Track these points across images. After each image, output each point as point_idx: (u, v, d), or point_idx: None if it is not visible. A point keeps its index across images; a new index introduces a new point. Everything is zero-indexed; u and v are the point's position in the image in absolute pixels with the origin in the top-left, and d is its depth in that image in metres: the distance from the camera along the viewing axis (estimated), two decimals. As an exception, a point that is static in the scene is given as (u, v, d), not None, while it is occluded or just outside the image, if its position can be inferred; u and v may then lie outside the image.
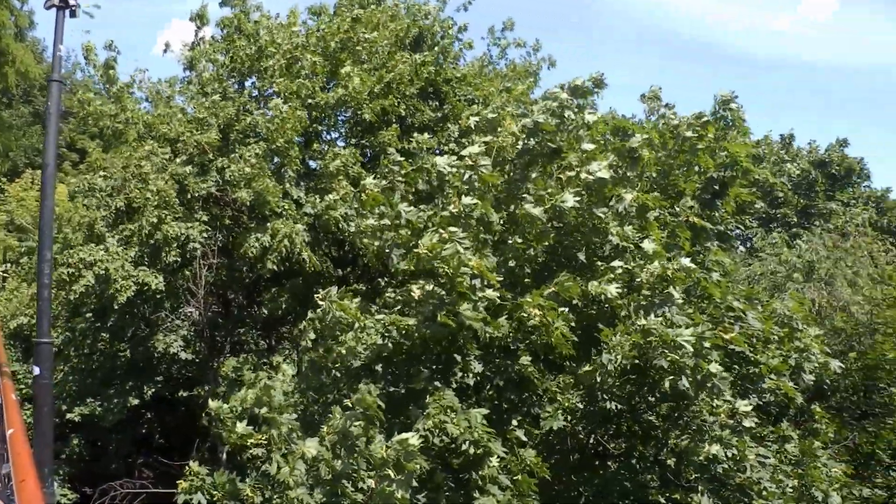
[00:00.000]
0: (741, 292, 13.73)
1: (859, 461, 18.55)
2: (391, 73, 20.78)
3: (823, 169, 32.24)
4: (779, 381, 13.32)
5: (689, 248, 13.34)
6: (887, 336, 19.24)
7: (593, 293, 11.31)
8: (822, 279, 20.77)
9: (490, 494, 11.02)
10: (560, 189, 11.98)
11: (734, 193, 14.41)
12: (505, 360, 11.67)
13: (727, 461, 11.73)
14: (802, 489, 14.07)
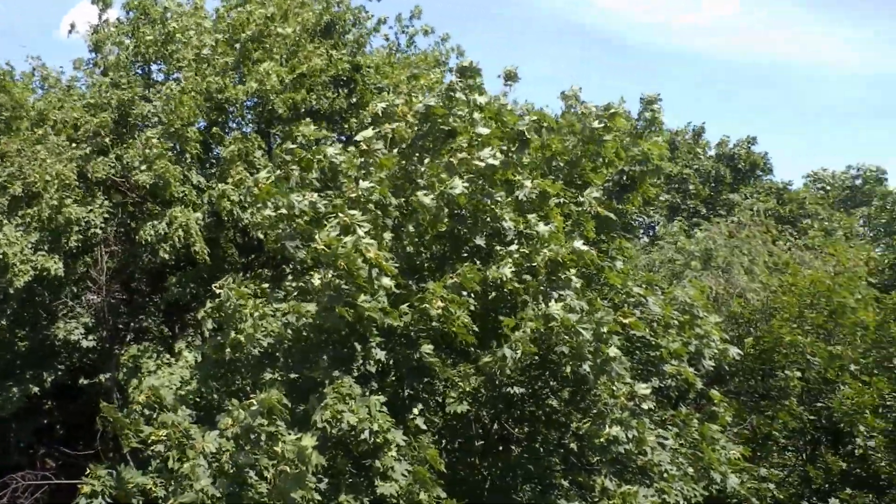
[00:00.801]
0: (642, 279, 14.03)
1: (757, 443, 19.16)
2: (303, 65, 20.60)
3: (730, 163, 33.29)
4: (679, 366, 13.69)
5: (593, 237, 13.57)
6: (784, 321, 19.88)
7: (492, 278, 11.43)
8: (720, 267, 21.39)
9: (393, 481, 11.07)
10: (451, 175, 12.05)
11: (642, 189, 14.69)
12: (406, 348, 11.71)
13: (627, 443, 11.98)
14: (702, 471, 14.47)
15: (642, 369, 13.59)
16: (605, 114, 14.06)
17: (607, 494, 12.67)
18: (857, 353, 19.71)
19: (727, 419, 15.41)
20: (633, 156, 14.28)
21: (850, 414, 18.46)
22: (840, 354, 19.26)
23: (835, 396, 18.89)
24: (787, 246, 25.21)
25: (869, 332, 19.89)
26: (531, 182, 12.42)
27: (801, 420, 19.26)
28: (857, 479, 19.25)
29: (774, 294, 21.03)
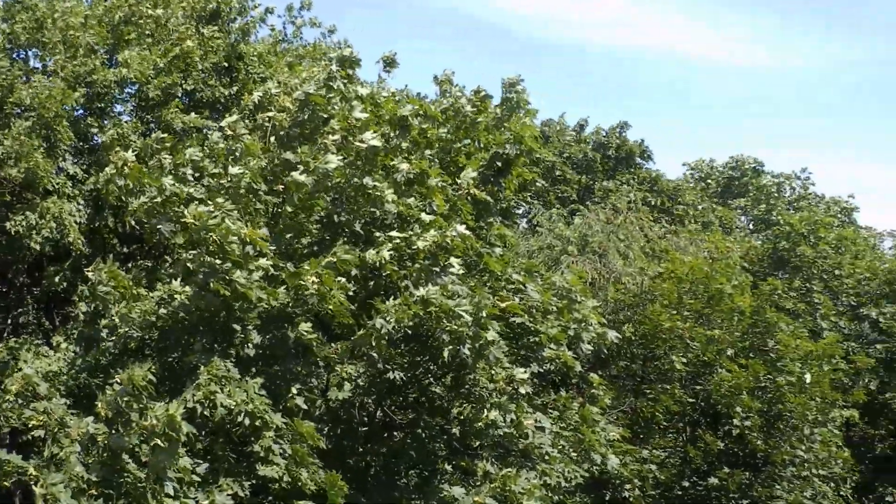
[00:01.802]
0: (521, 265, 14.38)
1: (639, 425, 19.84)
2: (177, 47, 20.40)
3: (604, 151, 33.95)
4: (558, 350, 14.08)
5: (471, 222, 13.85)
6: (663, 307, 20.61)
7: (371, 262, 11.61)
8: (596, 252, 22.04)
9: (274, 464, 11.16)
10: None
11: (517, 172, 15.02)
12: (282, 330, 11.81)
13: (506, 426, 12.30)
14: (583, 452, 14.96)
15: (522, 354, 13.93)
16: (476, 98, 14.33)
17: (489, 478, 12.97)
18: (734, 338, 20.62)
19: (606, 401, 15.93)
20: (505, 139, 14.59)
21: (728, 396, 19.33)
22: (718, 339, 20.09)
23: (712, 379, 19.70)
24: (663, 232, 26.08)
25: (745, 318, 20.82)
26: (408, 164, 12.60)
27: (681, 403, 20.03)
28: (734, 458, 20.21)
29: (653, 280, 21.75)
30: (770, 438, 19.95)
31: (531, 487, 12.69)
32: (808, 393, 20.29)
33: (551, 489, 13.90)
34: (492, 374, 12.36)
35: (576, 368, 14.52)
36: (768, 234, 37.31)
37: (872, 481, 27.48)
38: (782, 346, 20.47)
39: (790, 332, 21.03)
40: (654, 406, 19.86)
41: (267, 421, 10.92)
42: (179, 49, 20.33)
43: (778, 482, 20.37)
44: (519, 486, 12.49)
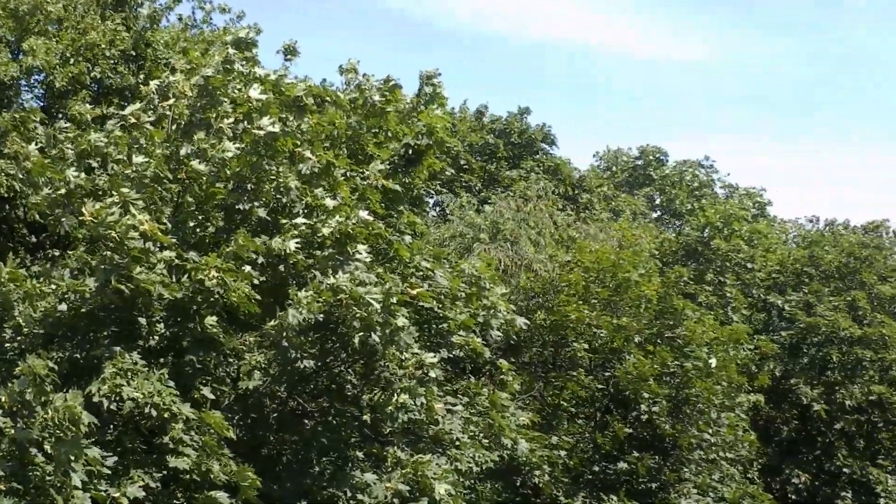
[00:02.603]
0: (429, 252, 14.69)
1: (548, 412, 20.36)
2: (83, 37, 20.23)
3: (506, 138, 34.25)
4: (467, 336, 14.44)
5: (381, 210, 14.09)
6: (570, 297, 21.15)
7: (277, 250, 11.78)
8: (508, 239, 22.51)
9: (184, 455, 11.26)
10: (222, 140, 12.28)
11: (428, 163, 15.31)
12: (188, 321, 11.90)
13: (415, 410, 12.59)
14: (493, 438, 15.35)
15: (432, 341, 14.24)
16: (385, 87, 14.58)
17: (401, 464, 13.27)
18: (641, 325, 21.26)
19: (515, 387, 16.34)
20: (416, 130, 14.87)
21: (635, 382, 19.93)
22: (625, 326, 20.68)
23: (620, 366, 20.27)
24: (573, 220, 26.70)
25: (652, 305, 21.47)
26: (314, 155, 12.78)
27: (590, 389, 20.60)
28: (643, 442, 20.86)
29: (562, 270, 22.28)
30: (678, 423, 20.67)
31: (442, 472, 13.04)
32: (715, 378, 21.01)
33: (462, 475, 14.30)
34: (402, 360, 12.62)
35: (485, 354, 14.92)
36: (679, 225, 38.47)
37: (779, 464, 28.65)
38: (689, 332, 21.17)
39: (696, 318, 21.75)
40: (560, 393, 20.37)
41: (175, 412, 11.01)
42: (85, 38, 20.16)
43: (686, 465, 21.13)
44: (430, 472, 12.83)
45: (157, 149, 12.46)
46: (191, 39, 24.18)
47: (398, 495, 12.87)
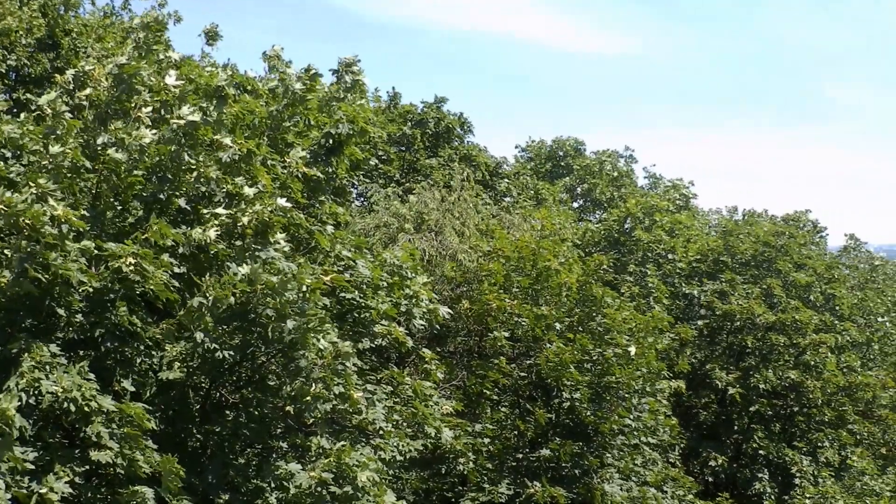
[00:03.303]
0: (350, 242, 14.84)
1: (471, 400, 20.69)
2: None
3: (423, 127, 34.42)
4: (390, 326, 14.67)
5: (303, 200, 14.22)
6: (491, 286, 21.49)
7: (197, 240, 11.85)
8: (432, 230, 22.77)
9: (106, 449, 11.27)
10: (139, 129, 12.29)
11: (349, 152, 15.48)
12: (107, 312, 11.91)
13: (334, 399, 12.78)
14: (416, 426, 15.62)
15: (354, 330, 14.42)
16: (305, 76, 14.70)
17: (324, 453, 13.45)
18: (562, 313, 21.70)
19: (438, 376, 16.60)
20: (337, 119, 15.01)
21: (557, 370, 20.33)
22: (546, 314, 21.08)
23: (542, 354, 20.68)
24: (497, 210, 27.10)
25: (572, 293, 21.92)
26: (235, 143, 12.85)
27: (512, 377, 20.97)
28: (565, 429, 21.30)
29: (482, 258, 22.62)
30: (599, 409, 21.09)
31: (366, 460, 13.25)
32: (635, 364, 21.52)
33: (386, 463, 14.51)
34: (319, 349, 12.77)
35: (408, 343, 15.16)
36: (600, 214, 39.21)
37: (697, 447, 29.47)
38: (609, 320, 21.66)
39: (616, 306, 22.26)
40: (483, 381, 20.69)
41: (96, 406, 11.00)
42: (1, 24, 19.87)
43: (609, 451, 21.64)
44: (354, 460, 13.04)
45: (74, 139, 12.40)
46: (108, 27, 23.95)
47: (322, 484, 13.09)
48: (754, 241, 33.35)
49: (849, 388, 31.37)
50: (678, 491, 24.05)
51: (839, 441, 30.84)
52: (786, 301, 31.18)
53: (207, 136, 12.76)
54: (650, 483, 22.64)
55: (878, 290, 39.90)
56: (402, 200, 24.09)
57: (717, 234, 38.20)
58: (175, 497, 11.80)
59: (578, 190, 41.62)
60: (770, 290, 31.33)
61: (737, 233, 34.34)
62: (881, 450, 32.90)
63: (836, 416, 31.18)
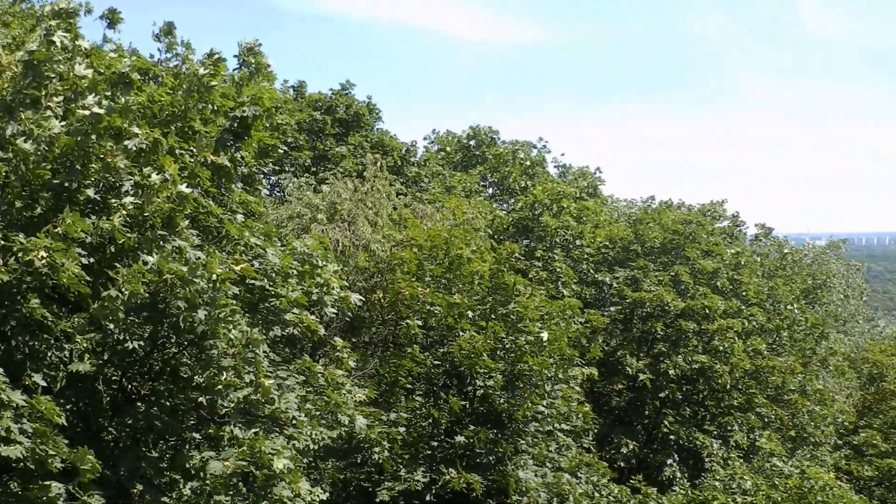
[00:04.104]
0: (260, 230, 14.99)
1: (385, 388, 21.02)
2: None
3: (332, 114, 34.63)
4: (301, 314, 14.88)
5: (210, 188, 14.33)
6: (404, 275, 21.85)
7: (105, 230, 11.93)
8: (345, 220, 23.02)
9: (16, 444, 11.28)
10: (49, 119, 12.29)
11: (257, 137, 15.58)
12: (16, 304, 11.91)
13: (245, 388, 12.98)
14: (330, 415, 15.86)
15: (264, 319, 14.59)
16: (209, 61, 14.78)
17: (237, 443, 13.63)
18: (474, 301, 22.16)
19: (350, 364, 16.87)
20: (242, 101, 15.09)
21: (470, 357, 20.78)
22: (459, 303, 21.52)
23: (455, 342, 21.11)
24: (409, 198, 27.45)
25: (484, 281, 22.40)
26: (141, 131, 12.90)
27: (426, 365, 21.36)
28: (479, 416, 21.78)
29: (395, 247, 22.96)
30: (512, 397, 21.59)
31: (280, 447, 13.47)
32: (548, 351, 22.08)
33: (300, 452, 14.73)
34: (230, 338, 12.91)
35: (319, 331, 15.38)
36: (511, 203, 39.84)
37: (610, 433, 30.27)
38: (521, 307, 22.18)
39: (528, 294, 22.79)
40: (397, 370, 21.03)
41: (5, 400, 11.01)
42: None
43: (522, 437, 22.20)
44: (268, 448, 13.24)
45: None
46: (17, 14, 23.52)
47: (237, 473, 13.27)
48: (662, 229, 34.28)
49: (756, 373, 32.53)
50: (592, 476, 24.71)
51: (748, 424, 31.91)
52: (694, 288, 32.14)
53: (115, 125, 12.77)
54: (564, 469, 23.27)
55: (788, 278, 41.35)
56: (315, 191, 24.23)
57: (627, 222, 39.07)
58: (87, 492, 11.85)
59: (491, 178, 42.16)
60: (678, 278, 32.25)
61: (646, 221, 35.26)
62: (790, 433, 34.13)
63: (745, 399, 32.28)
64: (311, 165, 31.90)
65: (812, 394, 34.62)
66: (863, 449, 36.22)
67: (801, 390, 34.32)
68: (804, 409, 33.98)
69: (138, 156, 12.96)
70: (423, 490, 20.36)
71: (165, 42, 16.04)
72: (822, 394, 35.43)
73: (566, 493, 22.12)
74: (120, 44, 14.85)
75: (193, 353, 13.69)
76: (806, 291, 44.32)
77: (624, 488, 25.69)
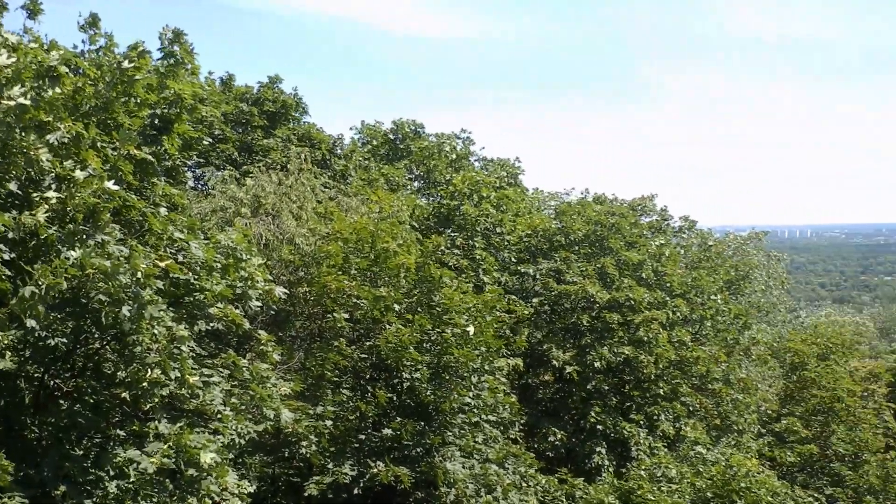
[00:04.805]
0: (183, 223, 15.07)
1: (312, 382, 21.19)
2: None
3: (260, 107, 34.67)
4: (226, 308, 15.01)
5: (134, 181, 14.38)
6: (330, 268, 22.04)
7: (27, 225, 11.93)
8: (270, 213, 23.12)
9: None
10: None
11: (180, 130, 15.65)
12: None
13: (171, 384, 13.07)
14: (255, 409, 16.01)
15: (188, 313, 14.67)
16: (133, 53, 14.80)
17: (162, 438, 13.71)
18: (401, 294, 22.42)
19: (275, 358, 17.02)
20: (165, 97, 15.15)
21: (396, 350, 21.06)
22: (385, 296, 21.77)
23: (382, 335, 21.35)
24: (334, 192, 27.61)
25: (410, 274, 22.68)
26: (63, 125, 12.90)
27: (353, 359, 21.58)
28: (407, 409, 22.05)
29: (321, 241, 23.13)
30: (439, 389, 21.90)
31: (206, 441, 13.58)
32: (473, 343, 22.43)
33: (226, 447, 14.84)
34: (154, 334, 12.98)
35: (244, 325, 15.53)
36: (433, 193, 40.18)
37: (538, 424, 30.77)
38: (447, 300, 22.50)
39: (454, 287, 23.12)
40: (323, 363, 21.20)
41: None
42: None
43: (450, 429, 22.51)
44: (193, 442, 13.35)
45: None
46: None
47: (163, 470, 13.33)
48: (586, 221, 34.88)
49: (681, 363, 33.32)
50: (520, 467, 25.12)
51: (674, 413, 32.66)
52: (619, 279, 32.78)
53: (38, 118, 12.75)
54: (492, 460, 23.62)
55: (711, 269, 42.31)
56: (239, 184, 24.26)
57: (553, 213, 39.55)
58: (6, 493, 11.84)
59: (417, 171, 42.41)
60: (604, 270, 32.87)
61: (570, 213, 35.82)
62: (715, 421, 35.03)
63: (670, 389, 33.03)
64: (239, 158, 31.80)
65: (735, 383, 35.53)
66: (785, 436, 37.39)
67: (725, 379, 35.17)
68: (728, 397, 34.86)
69: (60, 149, 12.95)
70: (351, 483, 20.54)
71: (90, 34, 15.97)
72: (746, 382, 36.44)
73: (494, 483, 22.47)
74: (39, 36, 14.75)
75: (116, 349, 13.73)
76: (729, 282, 45.35)
77: (552, 479, 26.19)
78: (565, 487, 26.21)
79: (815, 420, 38.49)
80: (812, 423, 38.32)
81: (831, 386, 38.68)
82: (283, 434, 19.25)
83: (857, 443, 37.28)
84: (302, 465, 21.14)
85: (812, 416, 38.64)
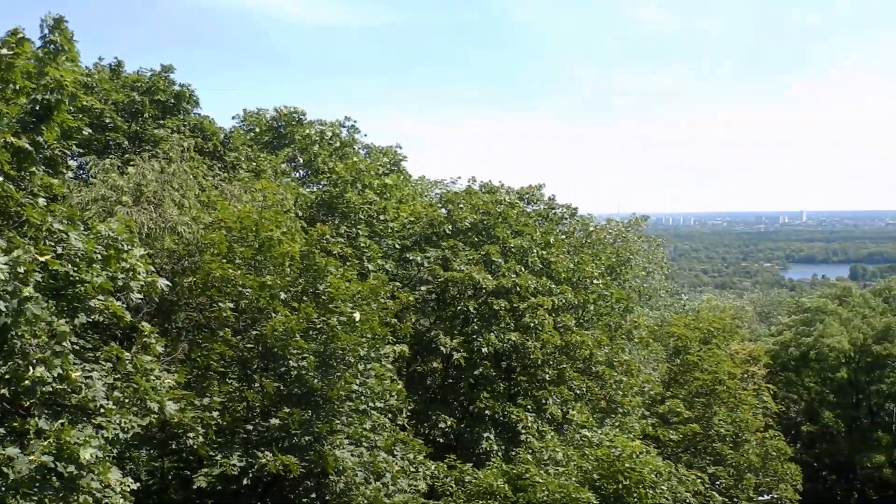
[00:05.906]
0: (63, 214, 14.89)
1: (198, 373, 21.14)
2: None
3: (152, 96, 34.21)
4: (107, 300, 14.90)
5: (11, 171, 14.14)
6: (214, 257, 21.99)
7: None
8: (151, 202, 22.88)
9: None
10: None
11: (61, 119, 15.41)
12: None
13: (53, 381, 12.94)
14: (139, 402, 15.92)
15: (69, 306, 14.52)
16: (11, 39, 14.53)
17: (43, 435, 13.55)
18: (286, 282, 22.50)
19: (158, 349, 16.95)
20: (45, 83, 14.91)
21: (283, 339, 21.16)
22: (270, 284, 21.83)
23: (268, 324, 21.42)
24: (217, 181, 27.42)
25: (296, 262, 22.78)
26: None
27: (239, 348, 21.60)
28: (294, 397, 22.17)
29: (205, 230, 23.02)
30: (326, 377, 22.06)
31: (87, 437, 13.47)
32: (359, 331, 22.65)
33: (110, 442, 14.74)
34: (34, 329, 12.83)
35: (126, 318, 15.43)
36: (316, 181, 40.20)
37: (426, 410, 31.18)
38: (332, 288, 22.67)
39: (339, 275, 23.31)
40: (208, 354, 21.17)
41: None
42: None
43: (337, 417, 22.71)
44: (74, 438, 13.22)
45: None
46: None
47: (42, 468, 13.17)
48: (473, 210, 35.38)
49: (566, 347, 34.09)
50: (409, 454, 25.46)
51: (561, 397, 33.40)
52: (505, 267, 33.35)
53: None
54: (380, 447, 23.91)
55: (594, 255, 43.29)
56: (120, 172, 23.90)
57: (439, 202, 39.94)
58: None
59: (300, 160, 42.29)
60: (490, 257, 33.39)
61: (457, 202, 36.27)
62: (601, 403, 35.95)
63: (557, 374, 33.76)
64: (129, 147, 31.28)
65: (619, 365, 36.51)
66: (668, 417, 38.65)
67: (609, 362, 36.08)
68: (612, 379, 35.79)
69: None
70: (239, 474, 20.58)
71: None
72: (629, 364, 37.47)
73: (383, 470, 22.78)
74: None
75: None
76: (610, 268, 46.47)
77: (441, 465, 26.58)
78: (454, 473, 26.62)
79: (698, 402, 39.88)
80: (695, 404, 39.70)
81: (713, 369, 40.14)
82: (169, 426, 19.16)
83: (738, 423, 38.92)
84: (191, 457, 21.07)
85: (695, 398, 40.02)
